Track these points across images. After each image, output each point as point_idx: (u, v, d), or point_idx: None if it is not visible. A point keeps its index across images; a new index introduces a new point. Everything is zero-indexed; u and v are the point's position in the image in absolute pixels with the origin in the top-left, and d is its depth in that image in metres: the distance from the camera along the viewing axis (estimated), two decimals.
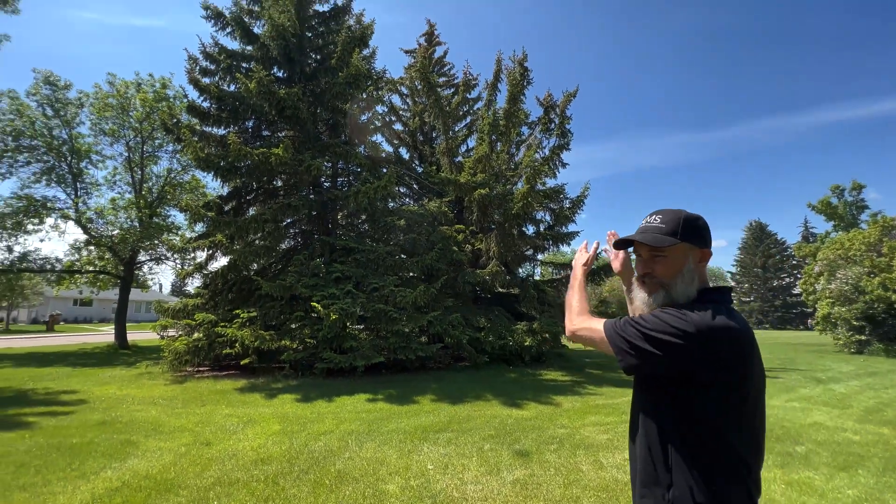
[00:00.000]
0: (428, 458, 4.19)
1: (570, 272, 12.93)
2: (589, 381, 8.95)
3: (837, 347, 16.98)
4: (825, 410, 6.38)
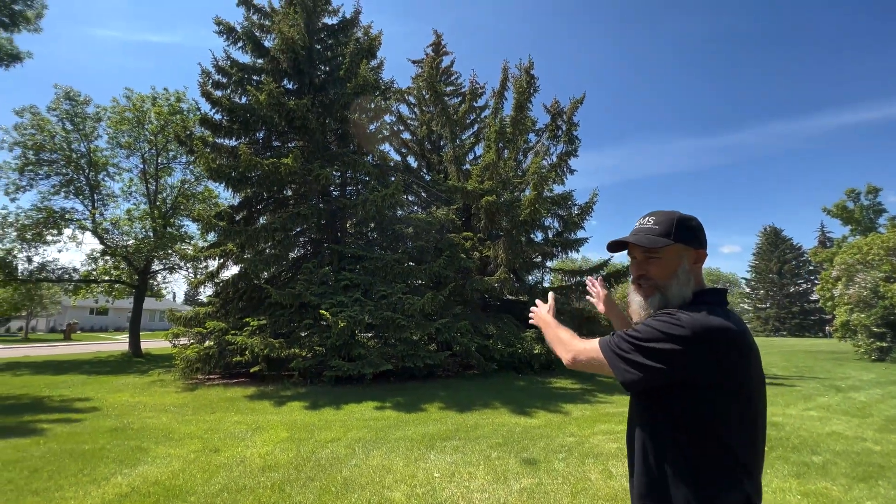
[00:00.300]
0: (435, 466, 4.17)
1: (580, 279, 12.78)
2: (599, 388, 8.83)
3: (858, 355, 16.48)
4: (844, 419, 6.19)
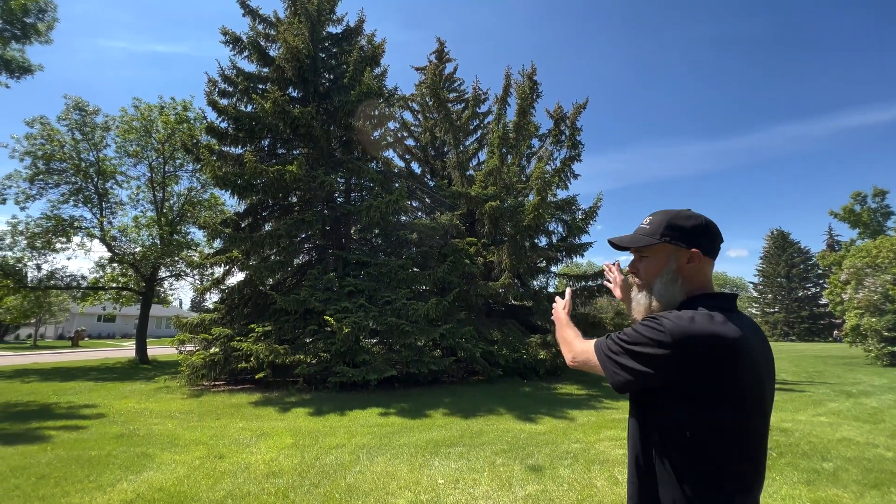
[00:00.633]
0: (439, 472, 4.15)
1: (585, 284, 12.70)
2: (605, 394, 8.75)
3: (869, 360, 16.23)
4: (855, 425, 6.09)
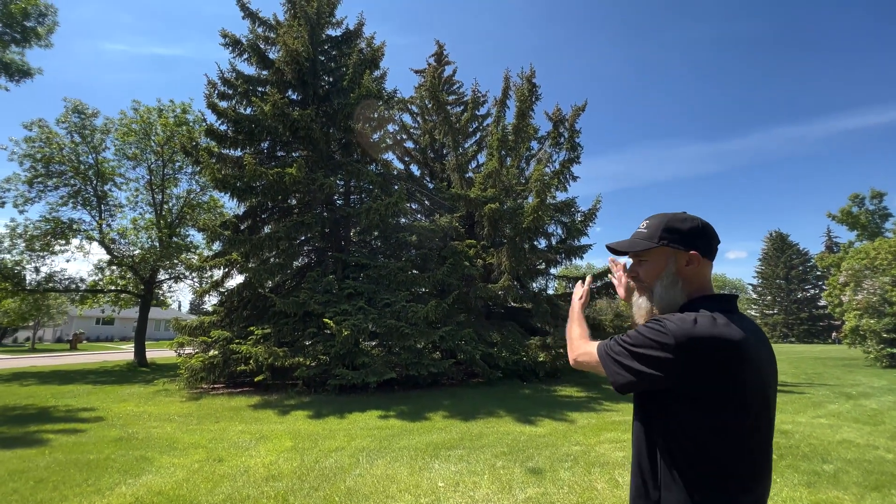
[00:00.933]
0: (439, 475, 4.13)
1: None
2: (605, 396, 8.74)
3: (868, 361, 16.24)
4: (855, 427, 6.08)
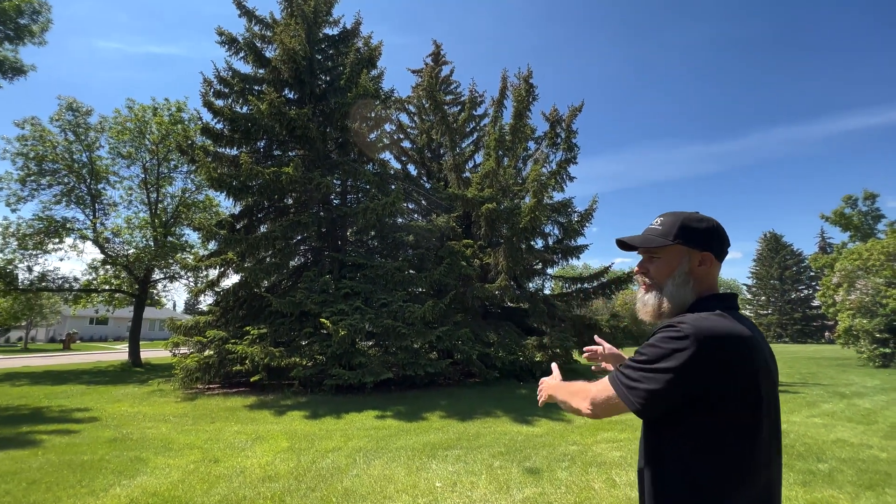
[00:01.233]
0: (436, 475, 4.13)
1: (581, 286, 12.73)
2: None
3: (861, 361, 16.37)
4: (849, 426, 6.14)
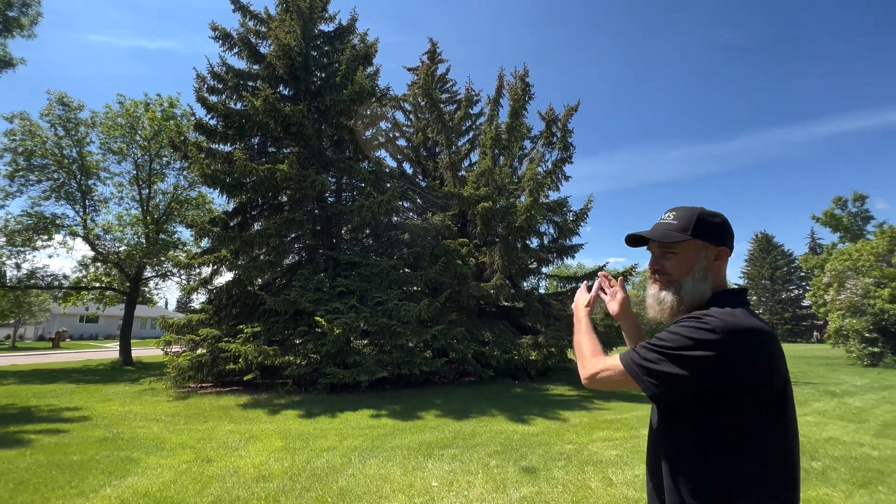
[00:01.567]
0: (432, 474, 4.10)
1: (575, 285, 12.88)
2: (597, 395, 8.79)
3: (850, 360, 16.62)
4: (841, 425, 6.20)
